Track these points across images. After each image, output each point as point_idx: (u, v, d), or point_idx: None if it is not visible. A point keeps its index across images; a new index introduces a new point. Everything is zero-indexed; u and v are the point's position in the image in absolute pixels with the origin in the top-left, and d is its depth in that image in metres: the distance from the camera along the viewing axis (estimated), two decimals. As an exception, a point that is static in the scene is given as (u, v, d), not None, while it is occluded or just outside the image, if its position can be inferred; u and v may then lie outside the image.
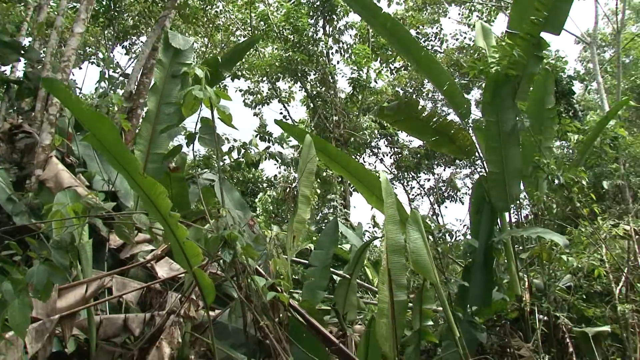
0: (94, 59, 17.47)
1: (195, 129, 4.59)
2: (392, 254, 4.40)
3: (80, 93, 12.33)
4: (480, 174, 12.15)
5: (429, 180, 24.85)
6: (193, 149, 6.45)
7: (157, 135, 6.81)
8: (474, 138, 7.83)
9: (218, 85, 14.44)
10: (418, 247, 4.41)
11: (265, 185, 18.39)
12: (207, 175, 7.57)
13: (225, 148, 8.29)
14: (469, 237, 7.31)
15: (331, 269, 7.22)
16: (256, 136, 15.26)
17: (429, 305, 5.00)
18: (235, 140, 8.29)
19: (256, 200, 16.28)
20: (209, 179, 7.43)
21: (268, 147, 10.17)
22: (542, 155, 6.85)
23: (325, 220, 13.52)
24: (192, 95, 4.19)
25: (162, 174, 6.57)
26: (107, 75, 9.98)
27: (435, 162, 23.73)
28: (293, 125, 8.10)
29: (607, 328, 7.04)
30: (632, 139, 14.96)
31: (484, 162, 7.43)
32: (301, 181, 4.67)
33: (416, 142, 22.64)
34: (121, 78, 10.58)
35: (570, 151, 14.61)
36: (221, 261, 3.95)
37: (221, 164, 8.34)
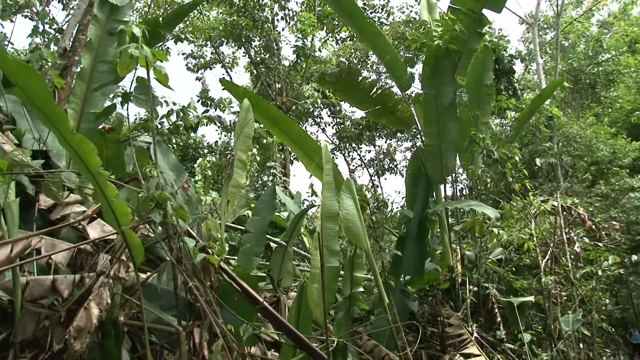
0: (27, 12, 16.64)
1: (130, 88, 4.46)
2: (326, 220, 4.42)
3: (11, 48, 11.78)
4: (419, 146, 12.35)
5: (369, 151, 25.10)
6: (129, 110, 6.26)
7: (91, 94, 6.57)
8: (413, 110, 7.93)
9: (160, 47, 14.05)
10: (351, 215, 4.45)
11: (205, 151, 18.18)
12: (144, 137, 7.37)
13: (164, 111, 8.10)
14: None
15: (268, 236, 7.21)
16: (198, 101, 14.97)
17: (360, 273, 5.07)
18: (174, 103, 8.08)
19: (195, 165, 16.07)
20: (145, 141, 7.24)
21: (207, 111, 9.97)
22: (478, 130, 6.99)
23: (265, 188, 13.49)
24: (128, 53, 4.06)
25: (96, 134, 6.37)
26: (40, 30, 9.53)
27: (377, 134, 23.94)
28: (237, 85, 7.96)
29: (531, 298, 7.33)
30: (566, 120, 15.49)
31: (422, 135, 7.54)
32: (237, 145, 4.61)
33: (359, 114, 22.77)
34: (56, 34, 10.13)
35: (507, 128, 15.00)
36: (152, 222, 3.89)
37: (159, 126, 8.15)
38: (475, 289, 7.56)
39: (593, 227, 9.21)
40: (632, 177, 15.96)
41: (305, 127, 22.69)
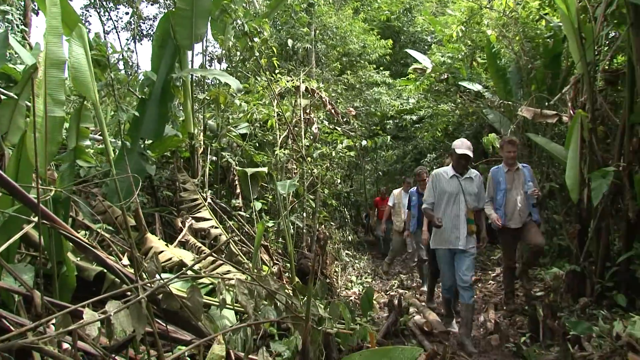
0: None
1: None
2: (50, 67, 4.09)
3: None
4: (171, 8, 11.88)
5: (128, 14, 23.47)
6: None
7: None
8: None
9: None
10: (80, 64, 4.19)
11: None
12: None
13: None
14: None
15: (-2, 88, 6.53)
16: None
17: (86, 125, 4.88)
18: None
19: None
20: None
21: None
22: (232, 1, 6.93)
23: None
24: None
25: None
26: None
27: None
28: None
29: (264, 169, 7.77)
30: (327, 9, 16.01)
31: (176, -2, 7.25)
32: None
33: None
34: None
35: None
36: None
37: None
38: (215, 158, 7.78)
39: (333, 111, 9.92)
40: (377, 72, 17.34)
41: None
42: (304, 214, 8.29)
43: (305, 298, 3.32)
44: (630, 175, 6.32)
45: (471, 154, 6.05)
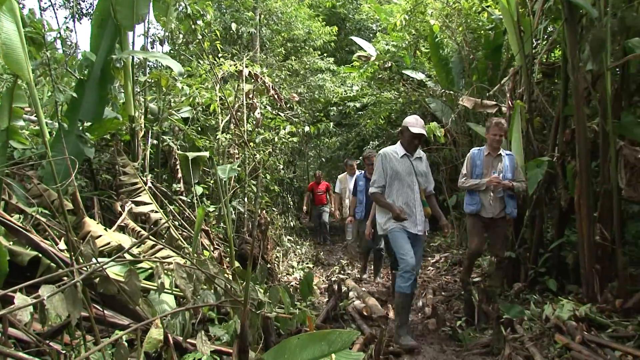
0: None
1: None
2: (-21, 44, 3.96)
3: None
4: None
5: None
6: None
7: None
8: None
9: None
10: (11, 41, 4.04)
11: None
12: None
13: None
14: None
15: None
16: None
17: (20, 105, 4.74)
18: None
19: None
20: None
21: None
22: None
23: None
24: None
25: None
26: None
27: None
28: None
29: (206, 154, 7.71)
30: (269, -7, 15.90)
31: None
32: None
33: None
34: None
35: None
36: None
37: None
38: (156, 142, 7.68)
39: (276, 97, 9.91)
40: (322, 59, 17.36)
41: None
42: (246, 200, 8.28)
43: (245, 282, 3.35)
44: (563, 165, 6.60)
45: (425, 133, 5.66)
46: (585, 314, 5.26)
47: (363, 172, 8.83)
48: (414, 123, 5.60)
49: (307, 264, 10.89)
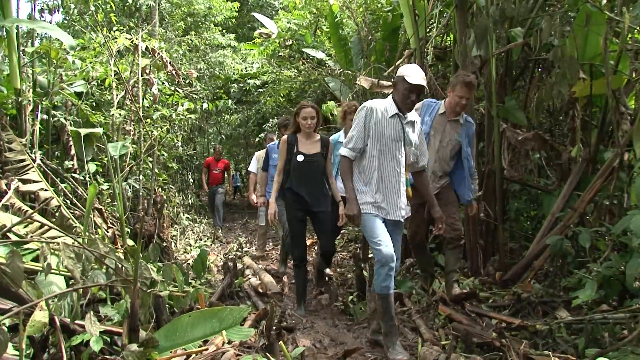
0: None
1: None
2: None
3: None
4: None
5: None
6: None
7: None
8: None
9: None
10: None
11: None
12: None
13: None
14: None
15: None
16: None
17: None
18: None
19: None
20: None
21: None
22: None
23: None
24: None
25: None
26: None
27: None
28: None
29: (99, 130, 7.49)
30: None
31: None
32: None
33: None
34: None
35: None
36: None
37: None
38: (46, 117, 7.36)
39: (174, 72, 9.73)
40: (222, 35, 17.14)
41: None
42: (142, 177, 8.13)
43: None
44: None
45: (426, 86, 4.30)
46: (469, 287, 5.65)
47: (277, 142, 7.49)
48: (412, 72, 4.22)
49: (204, 242, 10.87)
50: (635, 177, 4.32)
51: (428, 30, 8.22)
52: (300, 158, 5.58)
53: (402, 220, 4.42)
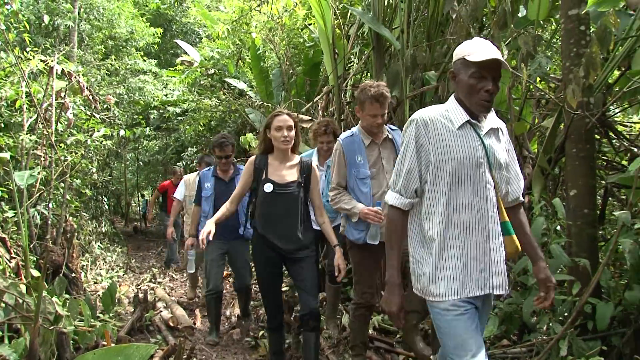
0: None
1: None
2: None
3: None
4: None
5: None
6: None
7: None
8: None
9: None
10: None
11: None
12: None
13: None
14: None
15: None
16: None
17: None
18: None
19: None
20: None
21: None
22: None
23: None
24: None
25: None
26: None
27: None
28: None
29: (6, 155, 7.14)
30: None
31: None
32: None
33: None
34: None
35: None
36: None
37: None
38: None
39: (91, 97, 9.47)
40: (144, 60, 16.85)
41: None
42: (51, 205, 7.79)
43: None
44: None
45: (502, 59, 2.44)
46: (378, 323, 5.71)
47: (211, 168, 6.18)
48: (475, 47, 2.49)
49: (117, 272, 10.50)
50: (534, 218, 4.57)
51: (347, 67, 8.41)
52: (268, 188, 4.08)
53: (499, 292, 2.54)
